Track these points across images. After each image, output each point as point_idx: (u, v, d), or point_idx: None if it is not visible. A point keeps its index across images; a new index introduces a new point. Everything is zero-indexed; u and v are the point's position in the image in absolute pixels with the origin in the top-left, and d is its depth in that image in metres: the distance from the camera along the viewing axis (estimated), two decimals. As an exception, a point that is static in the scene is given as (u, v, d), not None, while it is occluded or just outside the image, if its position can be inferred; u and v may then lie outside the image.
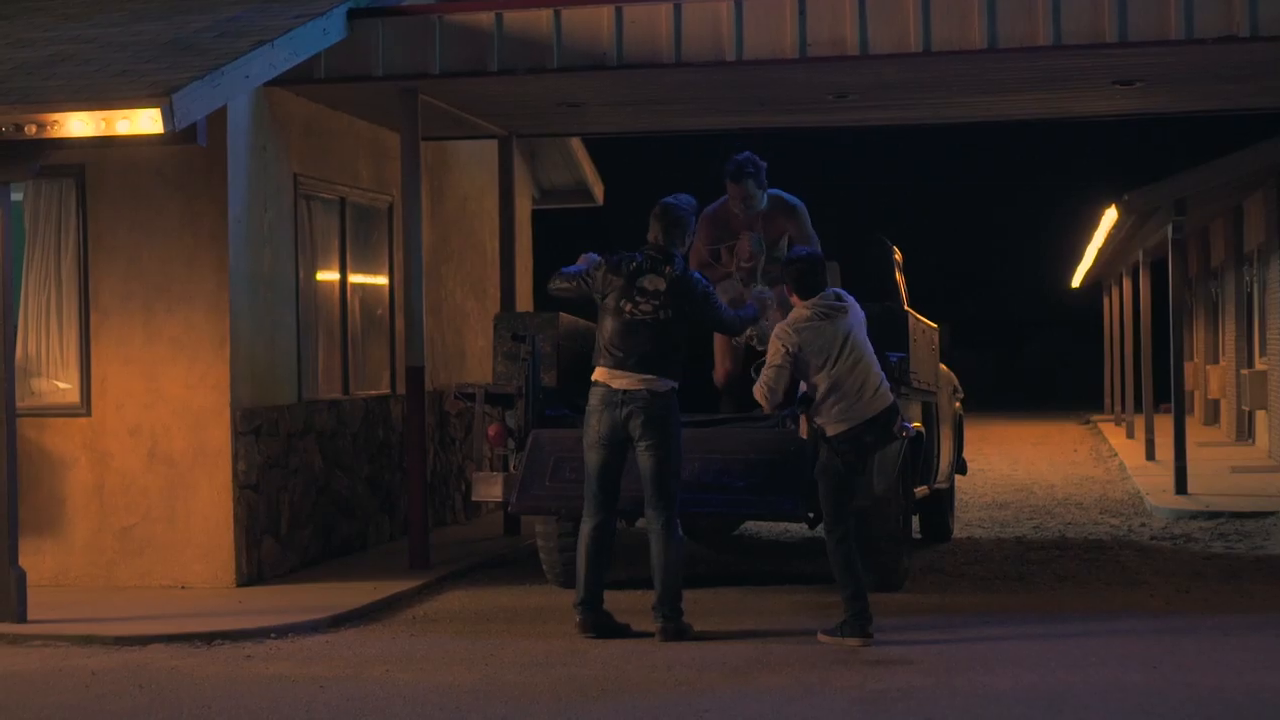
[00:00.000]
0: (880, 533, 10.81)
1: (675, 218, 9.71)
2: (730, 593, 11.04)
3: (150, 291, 11.35)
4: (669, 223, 9.68)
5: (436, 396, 14.49)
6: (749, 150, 11.39)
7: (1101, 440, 26.26)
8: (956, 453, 14.06)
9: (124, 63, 10.47)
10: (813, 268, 9.61)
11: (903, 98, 13.41)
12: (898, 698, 7.87)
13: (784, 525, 14.09)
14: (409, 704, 7.88)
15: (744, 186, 11.23)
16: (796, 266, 9.64)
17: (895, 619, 9.92)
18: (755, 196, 11.27)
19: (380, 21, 11.72)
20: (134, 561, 11.32)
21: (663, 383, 9.48)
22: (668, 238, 9.66)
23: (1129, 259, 24.95)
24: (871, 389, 9.44)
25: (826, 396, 9.40)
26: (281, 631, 9.73)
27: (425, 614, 10.49)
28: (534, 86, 12.35)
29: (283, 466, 11.88)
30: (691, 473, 10.40)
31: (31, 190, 11.47)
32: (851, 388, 9.38)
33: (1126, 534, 14.02)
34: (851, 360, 9.41)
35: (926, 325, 12.19)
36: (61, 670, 8.83)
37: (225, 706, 7.88)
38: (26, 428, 11.14)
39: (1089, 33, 10.98)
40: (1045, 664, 8.60)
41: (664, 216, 9.69)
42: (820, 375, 9.38)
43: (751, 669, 8.57)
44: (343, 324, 13.17)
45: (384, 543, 13.47)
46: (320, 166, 12.77)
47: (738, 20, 11.29)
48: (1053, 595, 10.89)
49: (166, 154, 11.09)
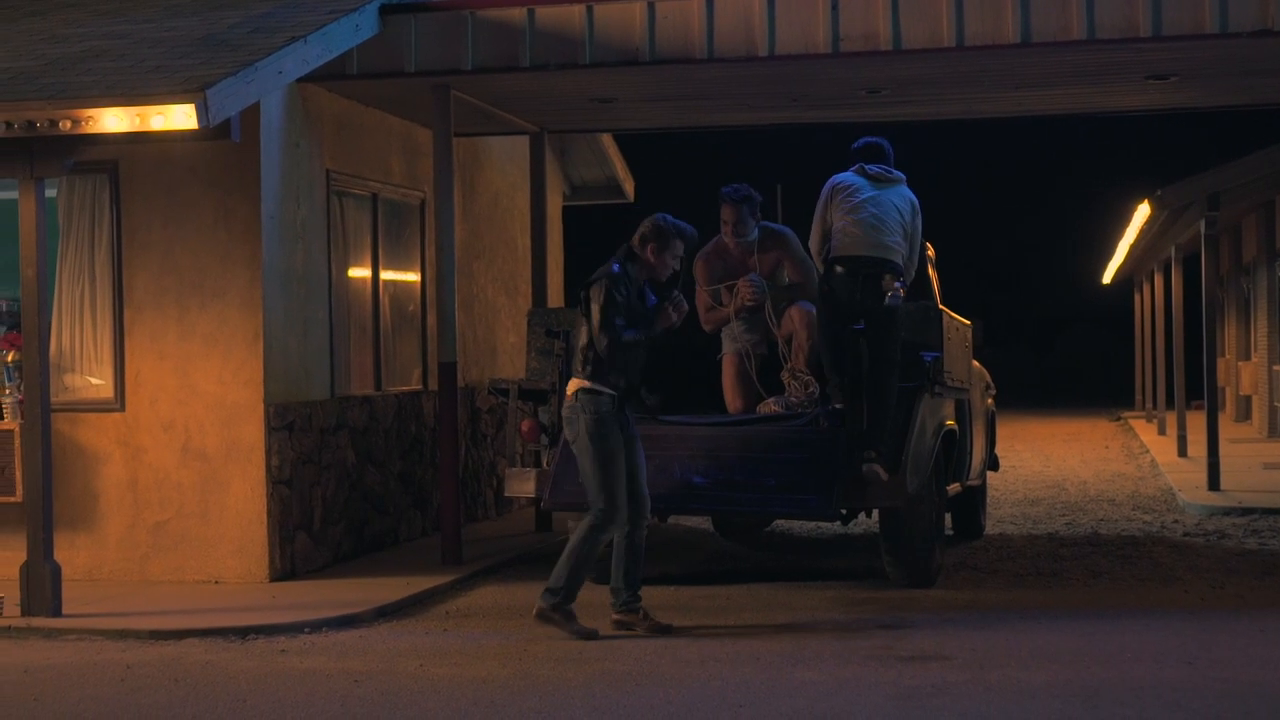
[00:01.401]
0: (913, 529, 10.79)
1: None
2: (762, 589, 11.03)
3: (184, 287, 11.38)
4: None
5: (468, 392, 14.50)
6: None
7: (1133, 437, 26.17)
8: (989, 449, 14.03)
9: (158, 59, 10.51)
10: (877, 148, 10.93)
11: (935, 93, 13.38)
12: (932, 693, 7.85)
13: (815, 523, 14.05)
14: (443, 698, 7.89)
15: (739, 210, 11.35)
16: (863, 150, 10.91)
17: (929, 615, 9.90)
18: (747, 223, 11.43)
19: (413, 17, 11.73)
20: (167, 556, 11.36)
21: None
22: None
23: (1161, 255, 24.85)
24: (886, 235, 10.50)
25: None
26: (315, 626, 9.76)
27: (458, 609, 10.50)
28: (566, 82, 12.35)
29: (315, 462, 11.90)
30: (724, 471, 10.41)
31: (65, 186, 11.51)
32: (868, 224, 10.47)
33: (1159, 530, 13.96)
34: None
35: (960, 322, 12.17)
36: (96, 664, 8.87)
37: (260, 700, 7.90)
38: (61, 423, 11.18)
39: (1123, 27, 10.94)
40: (1080, 660, 8.57)
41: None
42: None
43: (785, 664, 8.56)
44: (375, 320, 13.20)
45: (416, 538, 13.49)
46: (353, 162, 12.79)
47: (770, 15, 11.28)
48: (1086, 591, 10.85)
49: (200, 150, 11.12)
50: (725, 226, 11.51)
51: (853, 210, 10.64)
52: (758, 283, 11.35)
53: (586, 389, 9.38)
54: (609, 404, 9.36)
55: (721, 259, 11.63)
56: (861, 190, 10.72)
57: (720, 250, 11.64)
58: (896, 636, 9.30)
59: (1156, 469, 19.68)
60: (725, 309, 11.53)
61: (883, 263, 10.52)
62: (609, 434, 9.36)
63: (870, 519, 12.90)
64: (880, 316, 10.50)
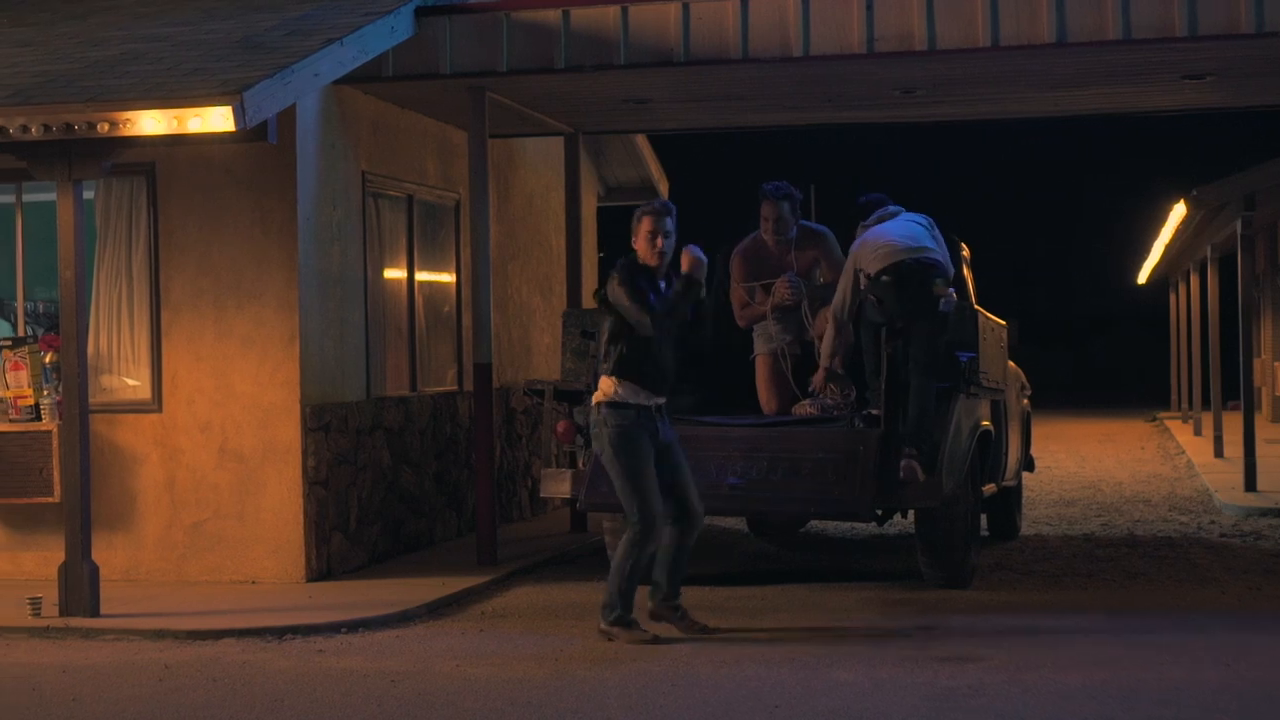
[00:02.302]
0: (949, 530, 10.77)
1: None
2: (798, 589, 11.02)
3: (220, 289, 11.43)
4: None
5: (503, 393, 14.52)
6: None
7: (1169, 437, 26.05)
8: (1024, 450, 13.99)
9: (196, 61, 10.55)
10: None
11: (969, 93, 13.35)
12: (969, 694, 7.84)
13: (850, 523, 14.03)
14: (480, 698, 7.91)
15: (779, 207, 11.36)
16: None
17: (965, 615, 9.89)
18: (787, 221, 11.44)
19: (448, 19, 11.76)
20: (204, 557, 11.41)
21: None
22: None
23: (1196, 255, 24.74)
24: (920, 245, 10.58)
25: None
26: (352, 626, 9.79)
27: (494, 609, 10.53)
28: (600, 83, 12.36)
29: (351, 463, 11.94)
30: (760, 472, 10.41)
31: (103, 188, 11.57)
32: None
33: (1196, 531, 13.91)
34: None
35: (995, 322, 12.15)
36: (134, 664, 8.91)
37: (297, 701, 7.93)
38: (99, 424, 11.24)
39: (1158, 26, 10.90)
40: (1117, 661, 8.55)
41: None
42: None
43: (821, 664, 8.56)
44: (410, 321, 13.23)
45: (451, 539, 13.52)
46: (388, 164, 12.83)
47: (804, 15, 11.27)
48: (1122, 593, 10.82)
49: (236, 152, 11.17)
50: (765, 224, 11.51)
51: (882, 236, 10.71)
52: (795, 283, 11.35)
53: (609, 402, 9.19)
54: (633, 416, 9.16)
55: (759, 256, 11.63)
56: (880, 227, 10.90)
57: (758, 247, 11.64)
58: (932, 637, 9.29)
59: (1193, 470, 19.59)
60: (761, 306, 11.54)
61: (930, 265, 10.54)
62: (634, 446, 9.16)
63: (905, 520, 12.87)
64: (930, 322, 10.50)
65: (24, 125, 9.78)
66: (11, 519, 11.61)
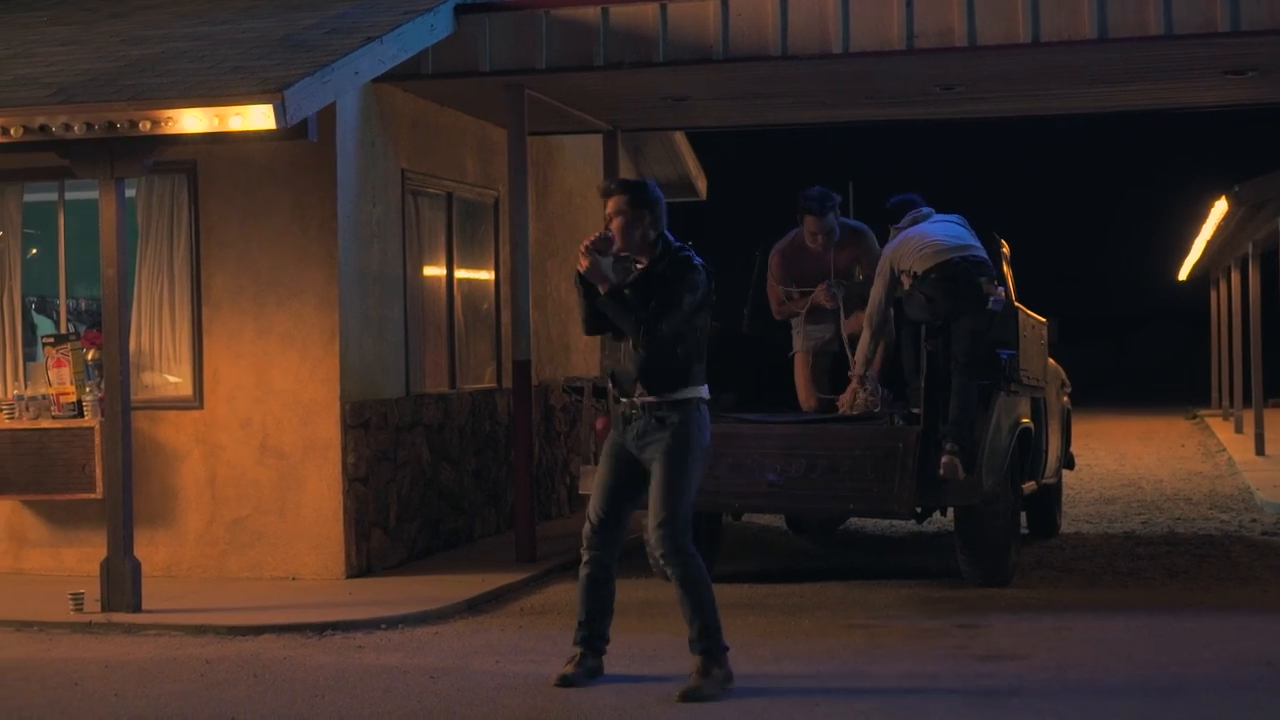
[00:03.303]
0: (989, 527, 10.74)
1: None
2: (837, 587, 11.00)
3: (261, 286, 11.47)
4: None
5: (542, 390, 14.54)
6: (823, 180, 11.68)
7: (1209, 435, 25.92)
8: (1064, 448, 13.94)
9: (236, 59, 10.59)
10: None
11: (1009, 89, 13.31)
12: (1009, 692, 7.82)
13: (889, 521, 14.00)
14: (519, 695, 7.92)
15: (825, 221, 11.35)
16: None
17: (1005, 614, 9.86)
18: (833, 228, 11.45)
19: (487, 17, 11.78)
20: (245, 553, 11.45)
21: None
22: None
23: (1238, 251, 24.60)
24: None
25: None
26: (392, 623, 9.81)
27: (533, 606, 10.54)
28: (639, 81, 12.37)
29: (391, 459, 11.97)
30: (799, 469, 10.40)
31: (144, 186, 11.62)
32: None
33: (1237, 529, 13.84)
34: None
35: (1035, 320, 12.11)
36: (176, 659, 8.95)
37: (338, 696, 7.96)
38: (140, 420, 11.30)
39: (1201, 21, 10.85)
40: (1157, 659, 8.51)
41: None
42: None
43: (861, 662, 8.54)
44: (449, 318, 13.26)
45: (490, 535, 13.54)
46: (427, 162, 12.85)
47: (844, 12, 11.25)
48: (1163, 591, 10.77)
49: (277, 149, 11.20)
50: (811, 237, 11.48)
51: (925, 236, 10.74)
52: (834, 293, 11.34)
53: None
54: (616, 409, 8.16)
55: (798, 256, 11.61)
56: (918, 228, 10.90)
57: (797, 247, 11.62)
58: (972, 635, 9.26)
59: (1234, 467, 19.49)
60: (798, 305, 11.56)
61: (979, 262, 10.58)
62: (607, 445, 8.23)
63: (945, 518, 12.84)
64: (977, 319, 10.51)
65: (66, 124, 9.84)
66: (54, 515, 11.68)
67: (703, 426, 7.95)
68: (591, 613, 8.13)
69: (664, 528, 7.79)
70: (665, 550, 7.80)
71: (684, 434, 7.87)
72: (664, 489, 7.82)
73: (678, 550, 7.81)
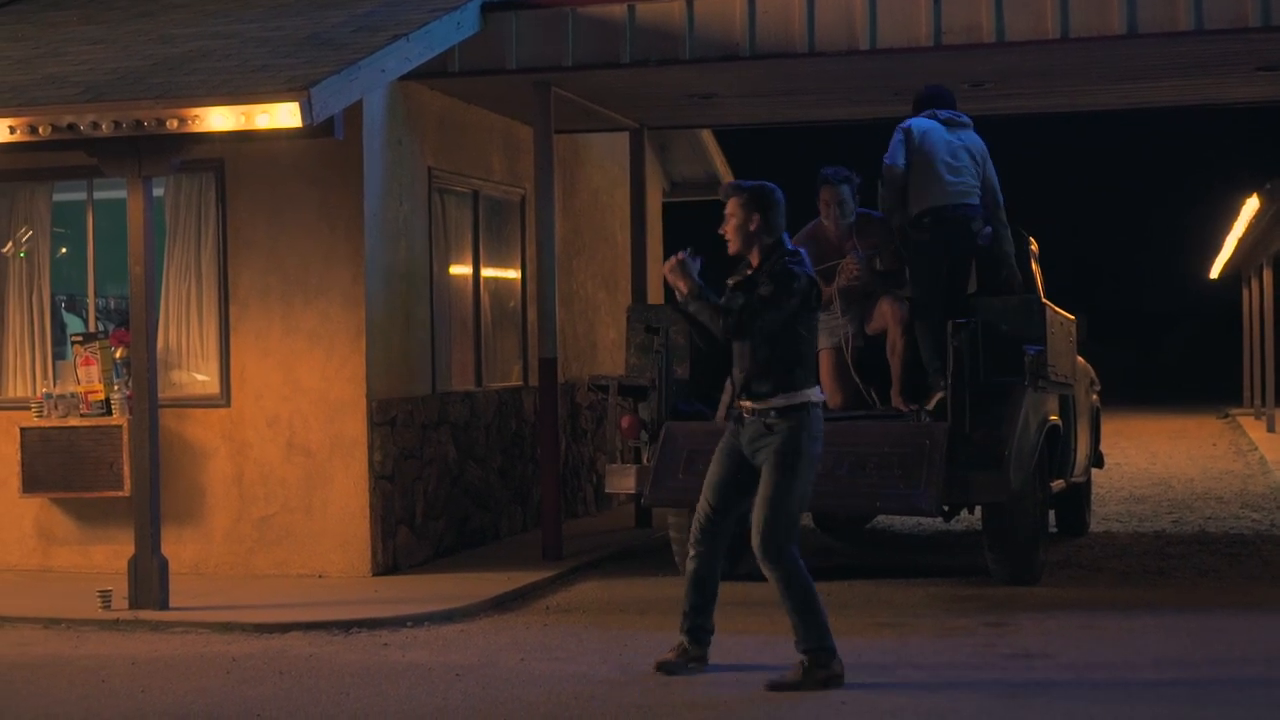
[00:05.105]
0: (1017, 526, 10.69)
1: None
2: (864, 585, 10.97)
3: (288, 284, 11.49)
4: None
5: (568, 388, 14.53)
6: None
7: (1241, 434, 25.79)
8: (1093, 446, 13.87)
9: (263, 58, 10.61)
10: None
11: (1038, 86, 13.25)
12: (1038, 691, 7.78)
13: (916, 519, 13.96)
14: (545, 692, 7.91)
15: (839, 191, 11.30)
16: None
17: (1033, 612, 9.81)
18: (849, 203, 11.36)
19: (513, 15, 11.77)
20: (272, 550, 11.47)
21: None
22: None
23: (1270, 249, 24.48)
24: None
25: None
26: (418, 620, 9.81)
27: (559, 604, 10.53)
28: (665, 78, 12.34)
29: (417, 457, 11.97)
30: (826, 467, 10.34)
31: (172, 184, 11.64)
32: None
33: (1269, 529, 13.76)
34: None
35: (1064, 317, 12.04)
36: (203, 656, 8.97)
37: (363, 694, 7.96)
38: (168, 418, 11.32)
39: (1231, 17, 10.78)
40: (1188, 659, 8.46)
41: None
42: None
43: (888, 661, 8.51)
44: (476, 316, 13.26)
45: (516, 533, 13.54)
46: (454, 160, 12.85)
47: (871, 8, 11.22)
48: (1194, 590, 10.71)
49: (303, 148, 11.21)
50: (826, 209, 11.39)
51: (930, 156, 10.96)
52: (861, 259, 11.25)
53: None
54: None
55: (817, 243, 11.52)
56: (934, 133, 11.08)
57: (817, 234, 11.54)
58: (1000, 634, 9.22)
59: (1265, 466, 19.39)
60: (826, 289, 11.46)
61: (967, 208, 11.02)
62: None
63: (973, 516, 12.79)
64: (980, 257, 11.14)
65: (94, 122, 9.86)
66: (82, 513, 11.71)
67: (814, 436, 8.03)
68: (695, 604, 8.25)
69: (764, 533, 7.90)
70: (764, 555, 7.92)
71: (792, 442, 7.95)
72: (767, 495, 7.93)
73: (778, 555, 7.91)
